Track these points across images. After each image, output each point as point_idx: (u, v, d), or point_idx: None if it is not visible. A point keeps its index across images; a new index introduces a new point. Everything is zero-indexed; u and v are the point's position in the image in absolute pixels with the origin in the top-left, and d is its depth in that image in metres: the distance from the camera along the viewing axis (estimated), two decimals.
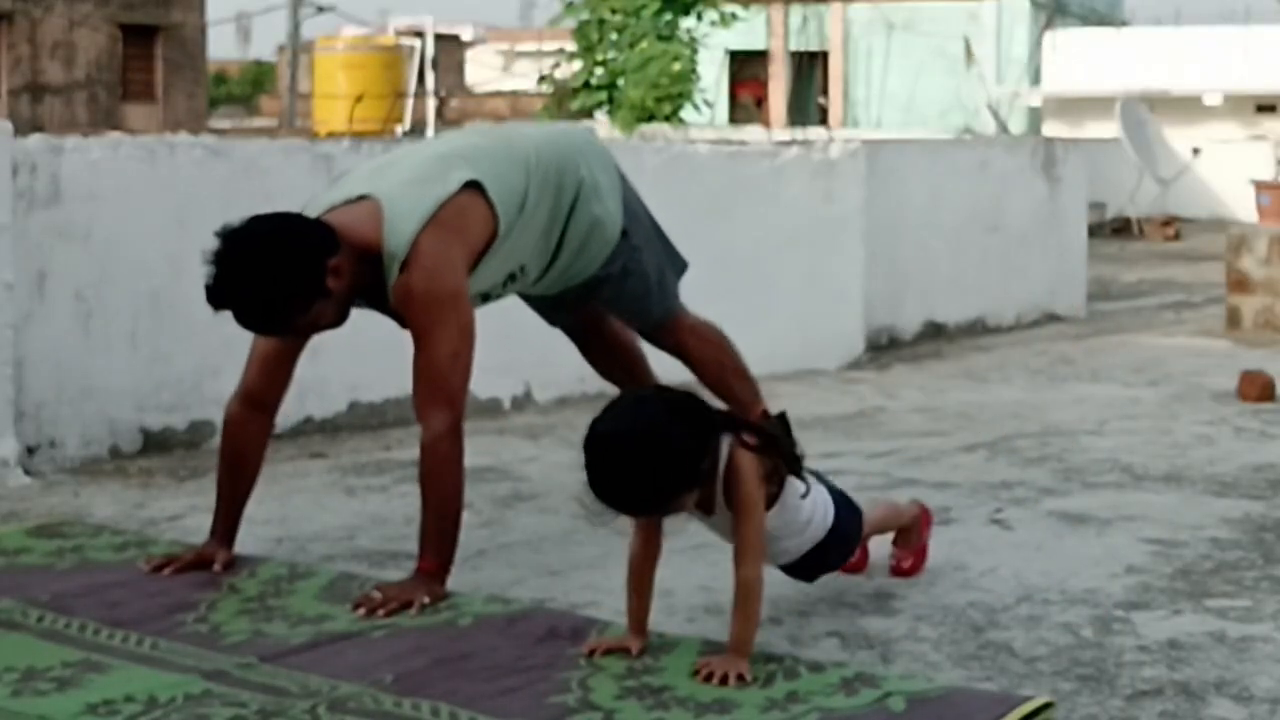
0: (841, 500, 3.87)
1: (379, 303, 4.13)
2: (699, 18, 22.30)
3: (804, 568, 3.85)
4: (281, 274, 3.86)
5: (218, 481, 4.25)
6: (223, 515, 4.24)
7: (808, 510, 3.73)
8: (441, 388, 3.99)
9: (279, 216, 4.00)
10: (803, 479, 3.71)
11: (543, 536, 4.61)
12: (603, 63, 21.85)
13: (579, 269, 4.48)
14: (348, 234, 3.99)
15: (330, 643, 3.57)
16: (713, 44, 24.18)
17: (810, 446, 5.89)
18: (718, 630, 3.56)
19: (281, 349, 4.17)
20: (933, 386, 7.50)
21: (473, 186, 4.12)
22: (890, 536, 4.22)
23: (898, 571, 4.18)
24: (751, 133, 18.46)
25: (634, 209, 4.61)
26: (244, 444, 4.22)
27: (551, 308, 4.76)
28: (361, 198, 4.08)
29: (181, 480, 5.35)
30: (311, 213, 4.11)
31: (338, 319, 4.07)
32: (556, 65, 23.49)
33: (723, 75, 29.92)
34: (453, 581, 3.95)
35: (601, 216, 4.45)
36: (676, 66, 21.28)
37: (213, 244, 3.88)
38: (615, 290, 4.56)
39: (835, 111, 29.20)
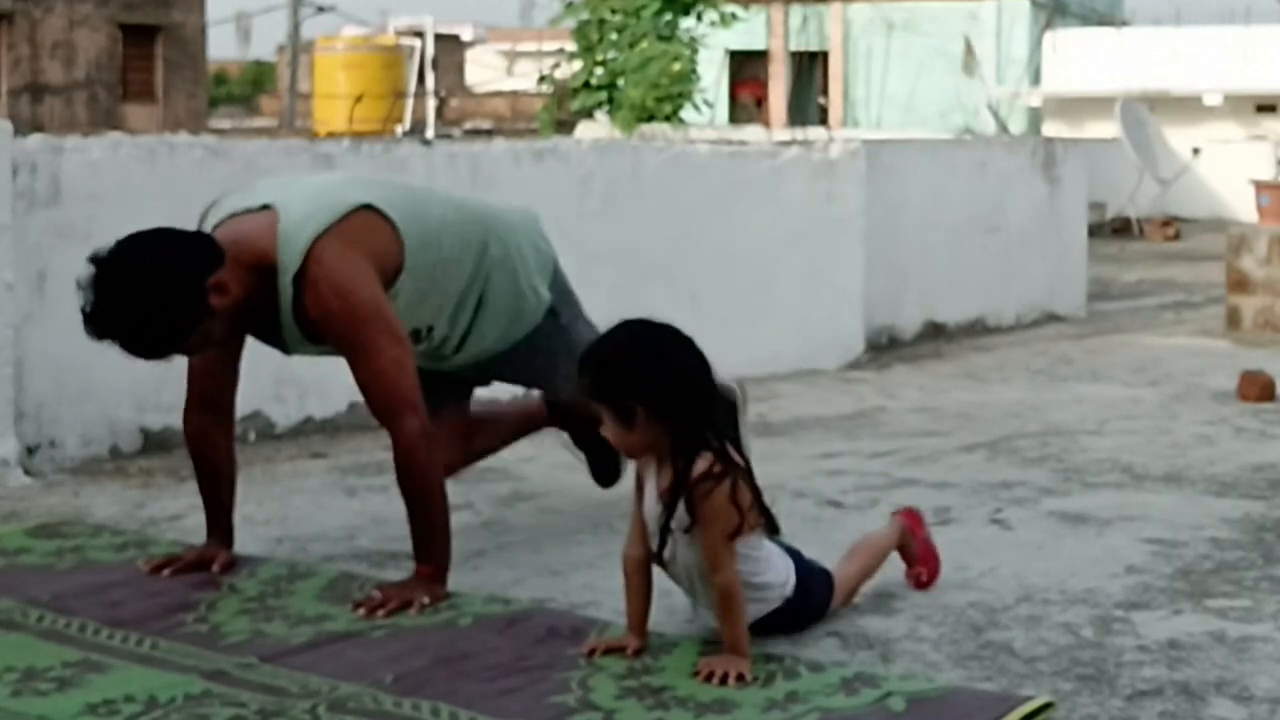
0: (807, 570, 3.74)
1: (270, 322, 3.99)
2: (699, 18, 22.26)
3: (762, 626, 3.66)
4: (159, 301, 3.73)
5: (200, 490, 4.25)
6: (214, 519, 4.24)
7: (763, 567, 3.61)
8: (400, 395, 3.91)
9: (153, 237, 3.84)
10: (775, 536, 3.63)
11: (543, 536, 4.61)
12: (603, 63, 21.81)
13: (500, 338, 4.37)
14: (242, 246, 3.87)
15: (330, 643, 3.58)
16: (713, 44, 24.14)
17: (810, 447, 5.97)
18: (717, 630, 3.56)
19: (218, 354, 4.08)
20: (933, 386, 7.50)
21: (371, 210, 4.01)
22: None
23: (920, 585, 4.08)
24: (751, 133, 18.42)
25: (568, 293, 4.53)
26: (210, 450, 4.19)
27: (448, 380, 4.53)
28: (264, 207, 3.97)
29: (181, 480, 5.34)
30: (213, 217, 4.02)
31: (230, 334, 3.97)
32: (556, 65, 23.47)
33: (723, 75, 29.89)
34: (453, 581, 3.95)
35: (524, 289, 4.37)
36: (676, 66, 21.23)
37: (87, 270, 3.73)
38: (520, 366, 4.45)
39: (835, 111, 29.18)
